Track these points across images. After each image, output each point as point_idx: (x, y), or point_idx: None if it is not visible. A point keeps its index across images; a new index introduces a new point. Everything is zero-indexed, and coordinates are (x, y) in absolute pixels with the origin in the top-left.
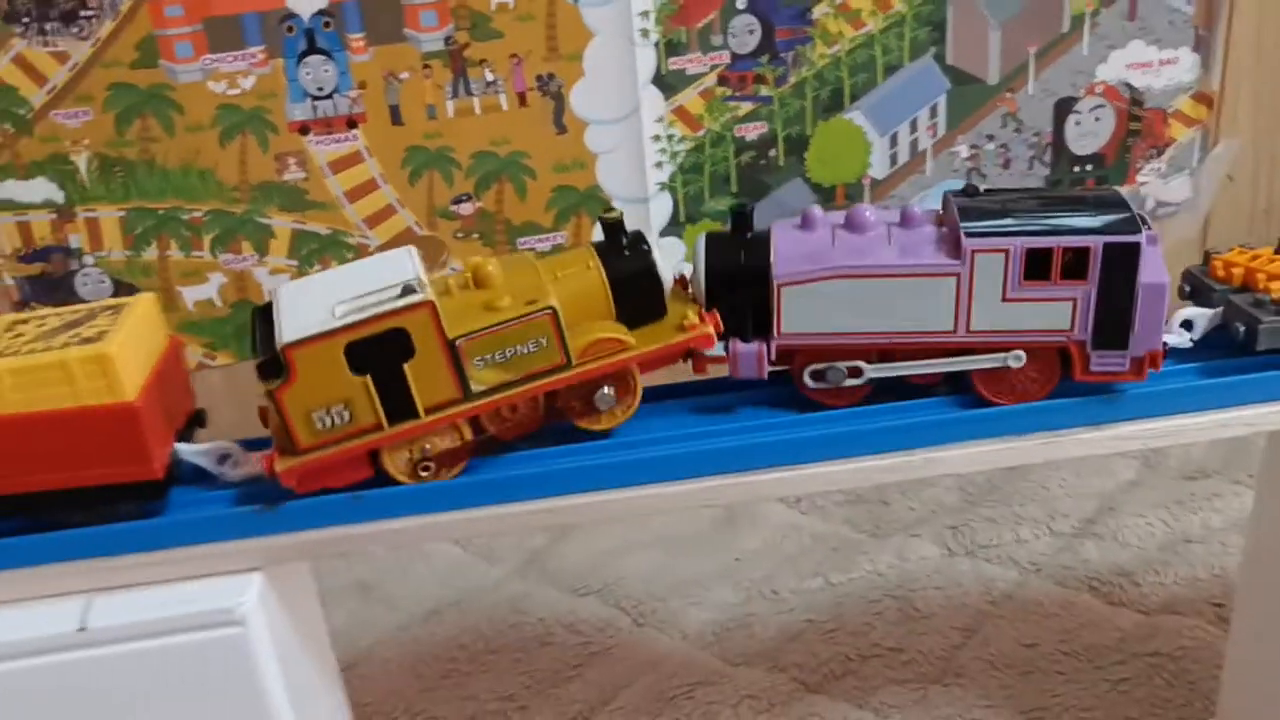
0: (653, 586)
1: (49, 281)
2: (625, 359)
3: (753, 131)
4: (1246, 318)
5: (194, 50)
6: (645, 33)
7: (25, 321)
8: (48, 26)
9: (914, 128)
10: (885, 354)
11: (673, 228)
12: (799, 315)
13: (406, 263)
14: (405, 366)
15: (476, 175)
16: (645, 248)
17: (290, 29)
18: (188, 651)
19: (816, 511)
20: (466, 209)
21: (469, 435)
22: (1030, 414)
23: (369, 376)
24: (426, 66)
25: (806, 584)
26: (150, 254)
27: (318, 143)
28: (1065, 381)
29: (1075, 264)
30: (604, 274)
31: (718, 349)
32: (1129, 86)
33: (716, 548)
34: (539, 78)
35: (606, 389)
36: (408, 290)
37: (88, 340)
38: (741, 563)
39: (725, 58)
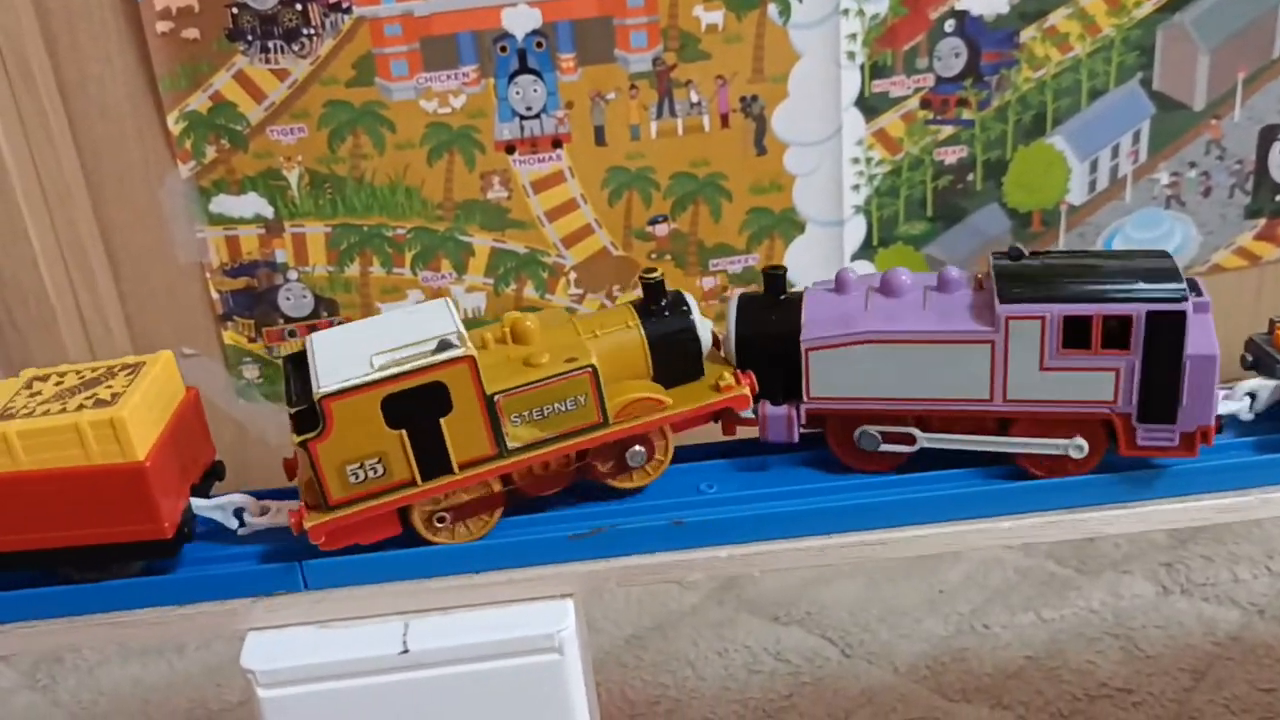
0: (858, 616)
1: (253, 295)
2: (660, 418)
3: (952, 155)
4: None
5: (409, 69)
6: (852, 55)
7: (45, 379)
8: (270, 44)
9: (1115, 153)
10: (920, 420)
11: (865, 251)
12: (828, 379)
13: (444, 315)
14: (442, 421)
15: (674, 196)
16: (685, 308)
17: (503, 49)
18: (506, 677)
19: (1019, 546)
20: (662, 230)
21: (499, 490)
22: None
23: (405, 430)
24: (633, 87)
25: (1018, 619)
26: (353, 270)
27: (522, 162)
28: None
29: (1117, 333)
30: (644, 333)
31: (747, 412)
32: None
33: (918, 578)
34: (743, 99)
35: (638, 447)
36: (446, 344)
37: (102, 402)
38: (946, 595)
39: (929, 80)
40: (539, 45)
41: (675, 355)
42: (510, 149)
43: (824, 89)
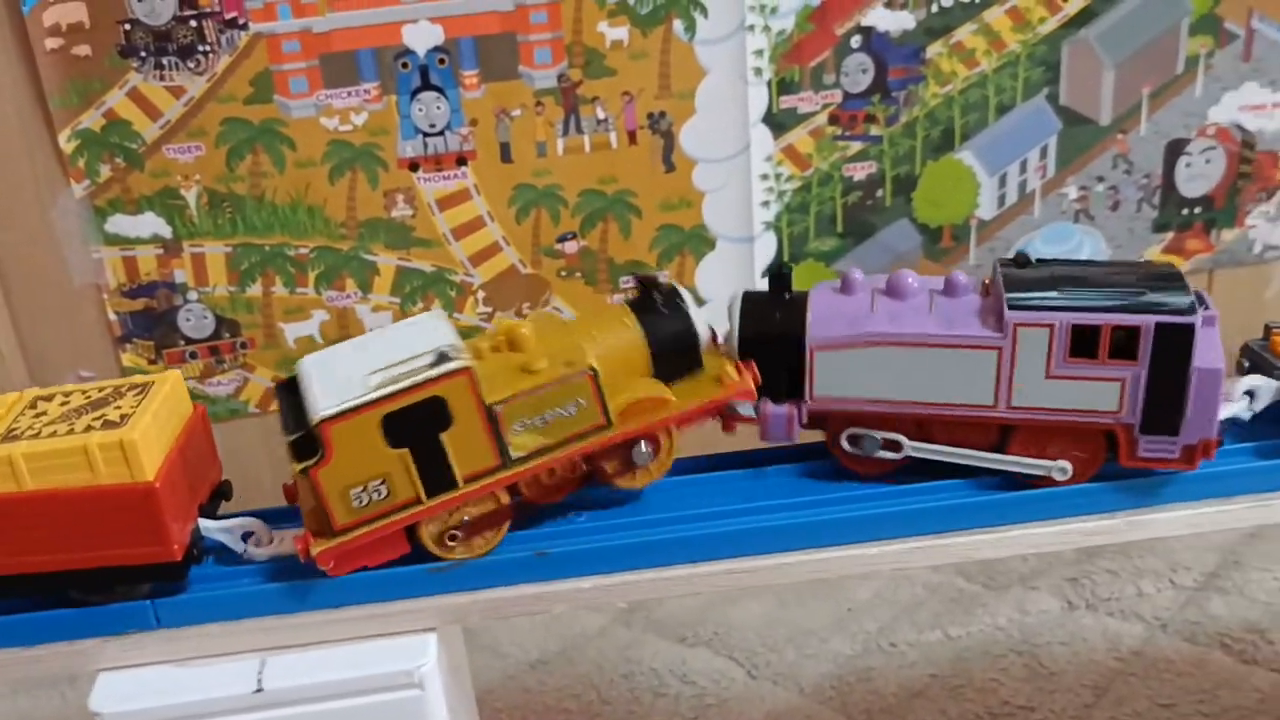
0: (765, 637)
1: (152, 316)
2: (664, 417)
3: (861, 171)
4: None
5: (309, 86)
6: (758, 71)
7: (49, 398)
8: (164, 61)
9: (1023, 168)
10: (922, 423)
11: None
12: (832, 380)
13: (439, 327)
14: (443, 436)
15: (583, 214)
16: (680, 302)
17: (405, 65)
18: (366, 714)
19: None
20: (571, 247)
21: (506, 502)
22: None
23: (407, 449)
24: (539, 104)
25: (925, 636)
26: (255, 290)
27: (427, 180)
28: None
29: (1125, 343)
30: (642, 331)
31: (749, 410)
32: (1241, 129)
33: (826, 597)
34: (650, 115)
35: (644, 446)
36: (443, 357)
37: (111, 424)
38: (854, 613)
39: (837, 96)
40: (441, 62)
41: (675, 351)
42: (414, 166)
43: (731, 105)
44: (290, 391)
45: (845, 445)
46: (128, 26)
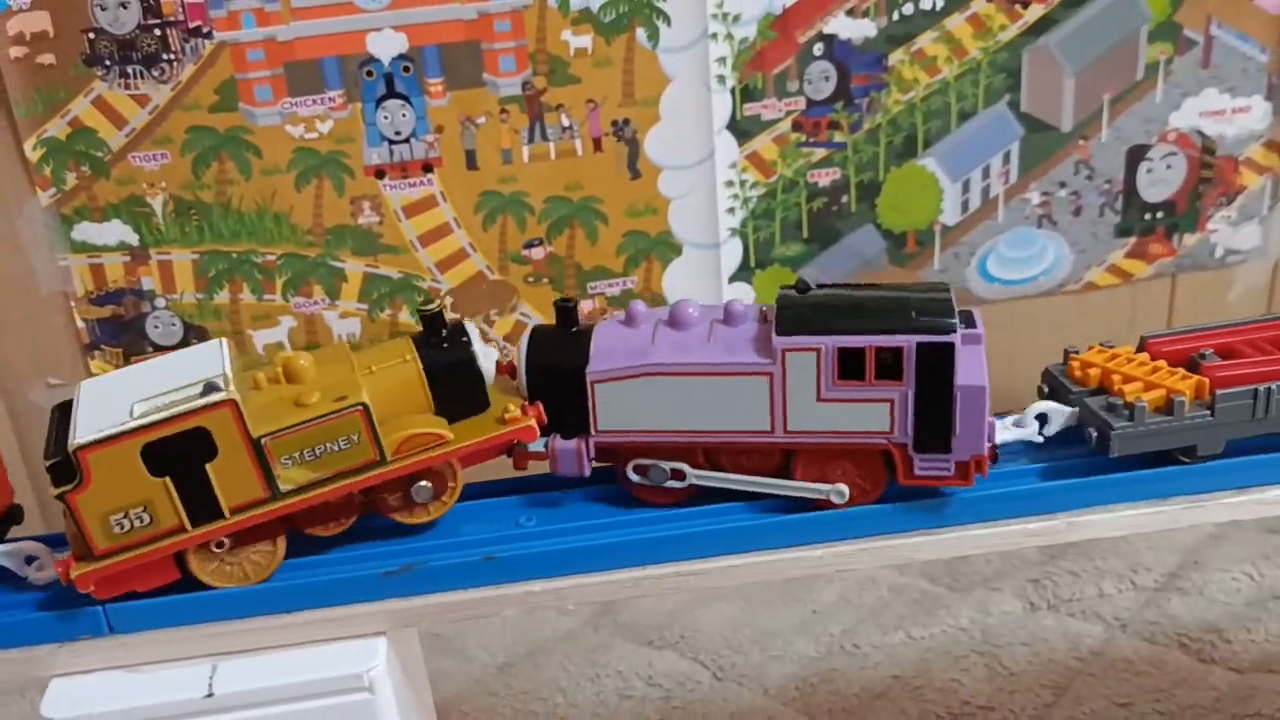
0: (731, 639)
1: (119, 324)
2: (442, 454)
3: (825, 178)
4: (1099, 422)
5: (274, 94)
6: (722, 79)
7: None
8: (129, 69)
9: (986, 174)
10: (708, 452)
11: (743, 273)
12: (614, 412)
13: (215, 357)
14: (208, 467)
15: (549, 220)
16: (465, 339)
17: (370, 73)
18: (314, 717)
19: (893, 565)
20: (538, 253)
21: (280, 532)
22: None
23: (169, 478)
24: (504, 111)
25: (888, 638)
26: (222, 297)
27: (393, 187)
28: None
29: (890, 364)
30: (420, 366)
31: (539, 445)
32: (1201, 134)
33: (793, 599)
34: (614, 123)
35: (424, 483)
36: (210, 388)
37: None
38: (819, 615)
39: (800, 104)
40: (406, 70)
41: (455, 387)
42: (380, 174)
43: (695, 112)
44: (64, 415)
45: (631, 476)
46: (92, 35)
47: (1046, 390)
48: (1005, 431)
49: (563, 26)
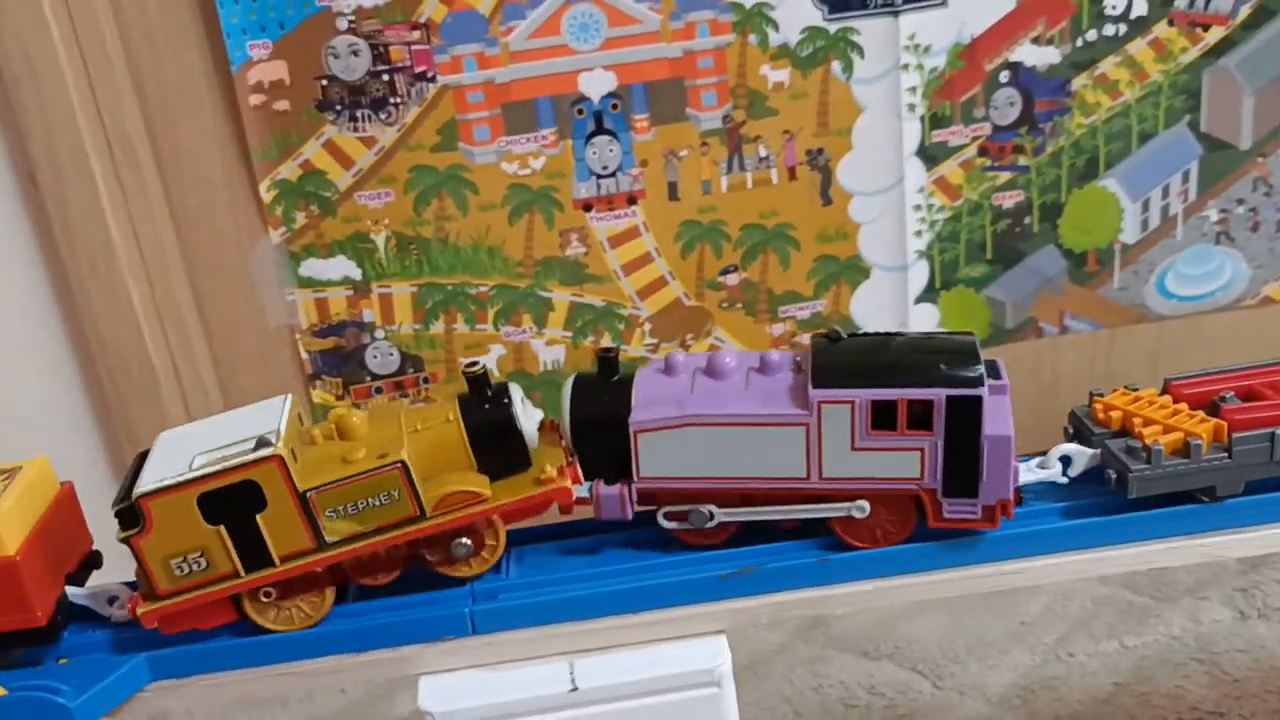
0: (945, 650)
1: (341, 355)
2: (480, 511)
3: (1009, 200)
4: (1118, 464)
5: (491, 133)
6: (912, 107)
7: None
8: (358, 113)
9: (1165, 193)
10: (746, 498)
11: (928, 294)
12: (656, 460)
13: (274, 413)
14: (259, 517)
15: (744, 247)
16: (506, 400)
17: (580, 111)
18: (669, 711)
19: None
20: (733, 279)
21: (328, 582)
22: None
23: (223, 526)
24: (704, 144)
25: (1102, 647)
26: (437, 327)
27: (599, 219)
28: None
29: (921, 415)
30: (462, 426)
31: (583, 490)
32: None
33: (998, 611)
34: (809, 152)
35: (464, 539)
36: (262, 443)
37: None
38: (1028, 625)
39: (986, 129)
40: (614, 107)
41: (496, 447)
42: (587, 207)
43: (886, 140)
44: (140, 461)
45: (663, 522)
46: (324, 82)
47: (1072, 431)
48: (1030, 473)
49: (762, 61)
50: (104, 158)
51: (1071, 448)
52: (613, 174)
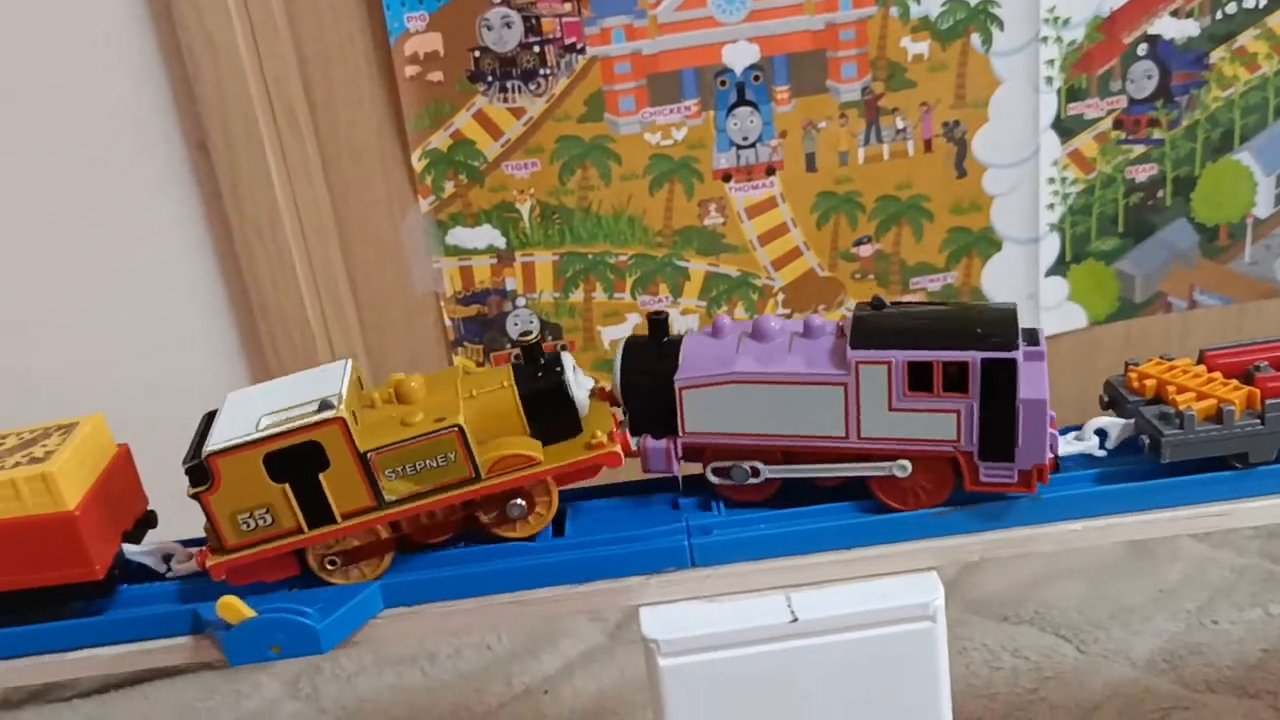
0: (1087, 615)
1: (483, 321)
2: (532, 474)
3: (1142, 173)
4: (1152, 430)
5: (636, 104)
6: (1049, 80)
7: None
8: (508, 84)
9: None
10: (788, 455)
11: (1059, 267)
12: (700, 416)
13: (336, 376)
14: (321, 476)
15: (879, 218)
16: (558, 369)
17: (723, 83)
18: (884, 644)
19: (1229, 545)
20: (866, 251)
21: (386, 537)
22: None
23: (287, 484)
24: (843, 116)
25: (1246, 614)
26: (577, 296)
27: (737, 189)
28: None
29: (956, 377)
30: (516, 393)
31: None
32: None
33: (1137, 577)
34: (945, 124)
35: (518, 500)
36: (325, 405)
37: (36, 460)
38: (1166, 593)
39: (1122, 102)
40: (756, 79)
41: (548, 413)
42: (727, 177)
43: (1022, 113)
44: (209, 421)
45: (710, 476)
46: (477, 54)
47: (1107, 400)
48: (1067, 445)
49: (902, 34)
50: (270, 127)
51: (1107, 420)
52: (752, 145)
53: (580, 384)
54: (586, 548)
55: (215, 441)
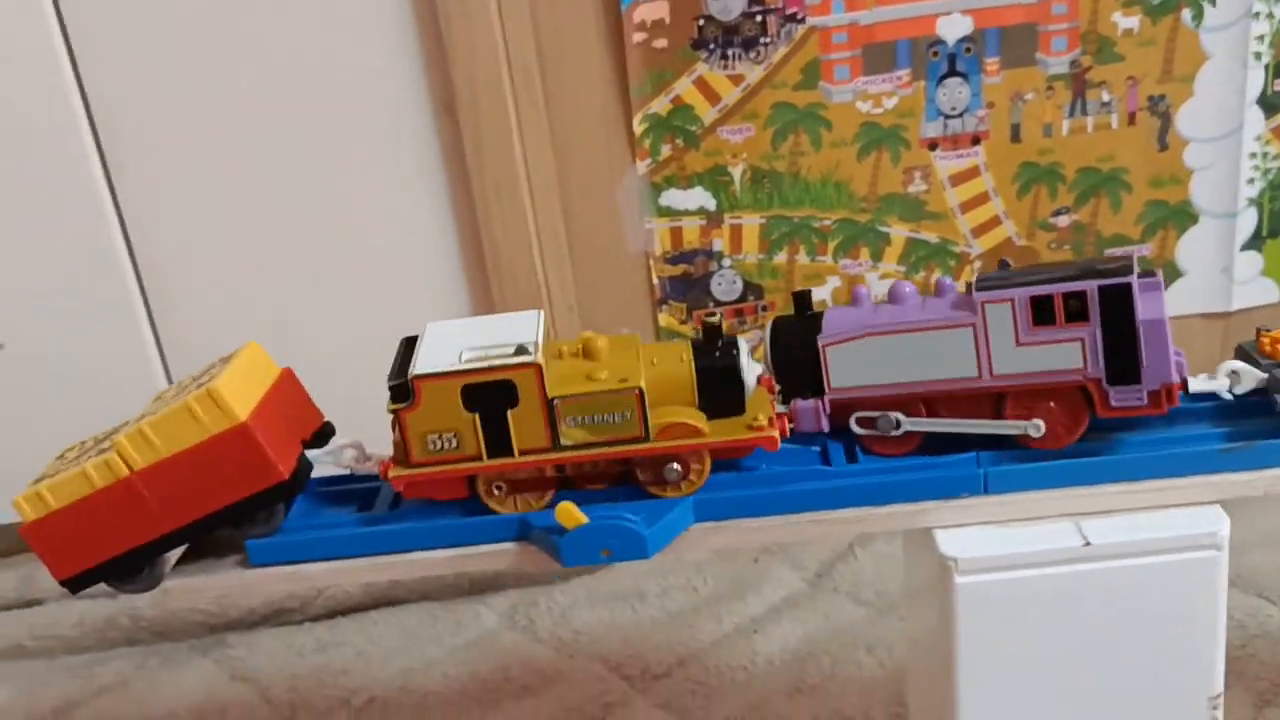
0: None
1: (688, 281)
2: (695, 444)
3: None
4: None
5: (850, 73)
6: (1258, 55)
7: (169, 390)
8: (729, 52)
9: None
10: (928, 402)
11: (1254, 242)
12: (843, 371)
13: (533, 325)
14: (509, 412)
15: (1078, 190)
16: (734, 351)
17: (935, 54)
18: (1172, 570)
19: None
20: (1063, 221)
21: (551, 476)
22: (1198, 458)
23: (477, 415)
24: (1050, 88)
25: None
26: (780, 258)
27: (942, 158)
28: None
29: (1077, 308)
30: (693, 368)
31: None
32: None
33: None
34: (1150, 98)
35: (675, 465)
36: (522, 350)
37: (203, 384)
38: None
39: None
40: (968, 50)
41: (718, 390)
42: (933, 146)
43: (1228, 88)
44: (409, 347)
45: (855, 427)
46: (701, 22)
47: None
48: (1198, 383)
49: (1113, 8)
50: (509, 89)
51: (1239, 364)
52: (960, 115)
53: (750, 369)
54: (884, 473)
55: (422, 366)
